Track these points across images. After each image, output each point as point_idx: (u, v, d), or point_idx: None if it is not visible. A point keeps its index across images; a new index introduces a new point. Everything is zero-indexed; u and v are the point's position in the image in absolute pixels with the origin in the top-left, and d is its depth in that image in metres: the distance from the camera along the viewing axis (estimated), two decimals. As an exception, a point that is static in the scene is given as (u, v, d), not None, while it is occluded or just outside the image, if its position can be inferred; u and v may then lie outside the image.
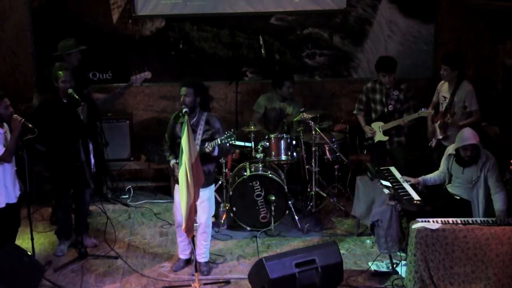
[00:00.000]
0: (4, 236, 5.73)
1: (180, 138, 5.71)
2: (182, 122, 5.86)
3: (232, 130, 5.85)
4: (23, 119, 5.60)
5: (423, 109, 6.75)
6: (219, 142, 5.79)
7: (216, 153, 5.88)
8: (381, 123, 7.00)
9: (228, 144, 5.89)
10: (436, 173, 6.30)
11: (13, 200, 5.78)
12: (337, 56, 8.19)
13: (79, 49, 6.95)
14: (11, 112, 5.64)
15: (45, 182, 6.42)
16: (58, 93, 6.17)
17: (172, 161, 5.95)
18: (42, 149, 6.20)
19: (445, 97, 6.85)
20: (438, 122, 6.83)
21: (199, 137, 5.82)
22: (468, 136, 5.86)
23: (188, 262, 6.23)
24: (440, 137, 6.82)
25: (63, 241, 6.56)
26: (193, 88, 5.81)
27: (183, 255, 6.21)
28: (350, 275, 6.02)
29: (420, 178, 6.28)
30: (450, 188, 6.18)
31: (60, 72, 6.11)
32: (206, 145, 5.80)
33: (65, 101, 6.18)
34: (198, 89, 5.86)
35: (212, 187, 6.10)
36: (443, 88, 6.92)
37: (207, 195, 5.94)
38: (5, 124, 5.70)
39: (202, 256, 6.14)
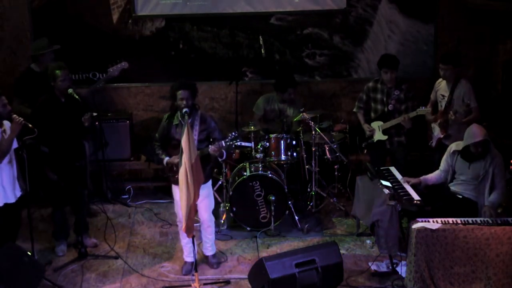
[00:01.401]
0: (3, 236, 5.73)
1: (176, 139, 5.73)
2: (176, 124, 5.86)
3: (235, 132, 5.85)
4: (23, 120, 5.59)
5: (421, 107, 6.76)
6: (224, 145, 5.79)
7: (225, 156, 5.90)
8: (380, 123, 7.00)
9: (233, 146, 5.90)
10: (436, 172, 6.28)
11: (11, 200, 5.76)
12: (337, 56, 8.19)
13: (52, 49, 6.92)
14: (8, 110, 5.62)
15: (45, 183, 6.40)
16: (55, 92, 6.15)
17: (166, 159, 5.94)
18: (46, 150, 6.18)
19: (443, 96, 6.87)
20: (438, 121, 6.84)
21: (195, 137, 5.81)
22: (477, 132, 5.85)
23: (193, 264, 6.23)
24: (441, 136, 6.82)
25: (62, 241, 6.55)
26: (190, 89, 5.80)
27: (190, 257, 6.18)
28: (350, 275, 6.02)
29: (421, 178, 6.28)
30: (453, 187, 6.16)
31: (58, 71, 6.09)
32: (210, 148, 5.80)
33: (63, 100, 6.17)
34: (194, 90, 5.86)
35: (209, 184, 6.10)
36: (441, 87, 6.93)
37: (206, 192, 5.95)
38: (4, 123, 5.69)
39: (209, 249, 6.21)
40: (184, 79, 6.03)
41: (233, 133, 5.86)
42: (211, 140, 5.92)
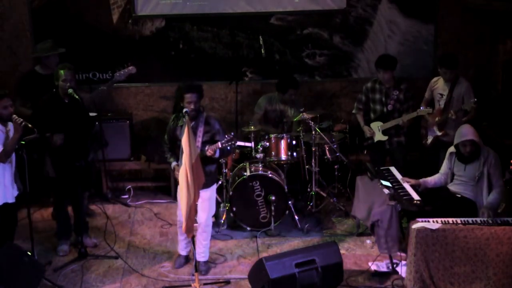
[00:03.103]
0: (1, 236, 5.74)
1: (181, 140, 5.72)
2: (181, 125, 5.85)
3: (232, 133, 5.83)
4: (23, 121, 5.59)
5: (421, 108, 6.77)
6: (220, 146, 5.78)
7: (217, 155, 5.87)
8: (380, 123, 7.00)
9: (229, 148, 5.87)
10: (437, 175, 6.29)
11: (11, 200, 5.78)
12: (337, 56, 8.19)
13: (56, 52, 6.88)
14: (10, 112, 5.63)
15: (46, 182, 6.41)
16: (59, 92, 6.16)
17: (173, 163, 5.95)
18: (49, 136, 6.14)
19: (441, 94, 6.88)
20: (436, 119, 6.85)
21: (199, 139, 5.80)
22: (466, 132, 5.87)
23: (188, 258, 6.24)
24: (439, 134, 6.83)
25: (64, 241, 6.55)
26: (197, 92, 5.79)
27: (184, 251, 6.21)
28: (350, 275, 6.02)
29: (420, 180, 6.27)
30: (452, 187, 6.17)
31: (62, 71, 6.10)
32: (206, 148, 5.79)
33: (66, 101, 6.17)
34: (201, 93, 5.86)
35: (214, 187, 6.10)
36: (439, 85, 6.95)
37: (208, 195, 5.95)
38: (9, 124, 5.69)
39: (201, 255, 6.14)
40: (191, 82, 5.99)
41: (230, 134, 5.83)
42: (216, 142, 5.90)
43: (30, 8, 7.81)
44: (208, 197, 5.96)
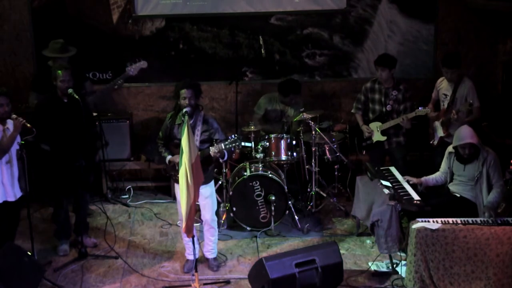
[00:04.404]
0: (1, 235, 5.74)
1: (178, 139, 5.72)
2: (179, 123, 5.86)
3: (235, 135, 5.83)
4: (23, 120, 5.60)
5: (420, 108, 6.76)
6: (224, 147, 5.78)
7: (226, 157, 5.89)
8: (379, 123, 7.00)
9: (233, 149, 5.87)
10: (437, 174, 6.30)
11: (11, 198, 5.78)
12: (337, 56, 8.19)
13: (63, 55, 6.86)
14: (5, 111, 5.61)
15: (46, 182, 6.41)
16: (57, 93, 6.16)
17: (168, 157, 5.96)
18: (47, 148, 6.19)
19: (446, 95, 6.87)
20: (441, 120, 6.84)
21: (197, 138, 5.81)
22: (465, 134, 5.87)
23: (196, 261, 6.24)
24: (443, 135, 6.82)
25: (64, 241, 6.56)
26: (194, 89, 5.82)
27: (192, 256, 6.15)
28: (350, 275, 6.02)
29: (422, 179, 6.28)
30: (452, 187, 6.18)
31: (59, 71, 6.10)
32: (210, 150, 5.79)
33: (65, 100, 6.18)
34: (198, 89, 5.88)
35: (212, 184, 6.11)
36: (443, 86, 6.94)
37: (208, 192, 5.97)
38: (8, 122, 5.69)
39: (211, 252, 6.19)
40: (188, 79, 6.02)
41: (233, 136, 5.84)
42: (213, 141, 5.91)
43: (30, 8, 7.81)
44: (209, 194, 5.99)
